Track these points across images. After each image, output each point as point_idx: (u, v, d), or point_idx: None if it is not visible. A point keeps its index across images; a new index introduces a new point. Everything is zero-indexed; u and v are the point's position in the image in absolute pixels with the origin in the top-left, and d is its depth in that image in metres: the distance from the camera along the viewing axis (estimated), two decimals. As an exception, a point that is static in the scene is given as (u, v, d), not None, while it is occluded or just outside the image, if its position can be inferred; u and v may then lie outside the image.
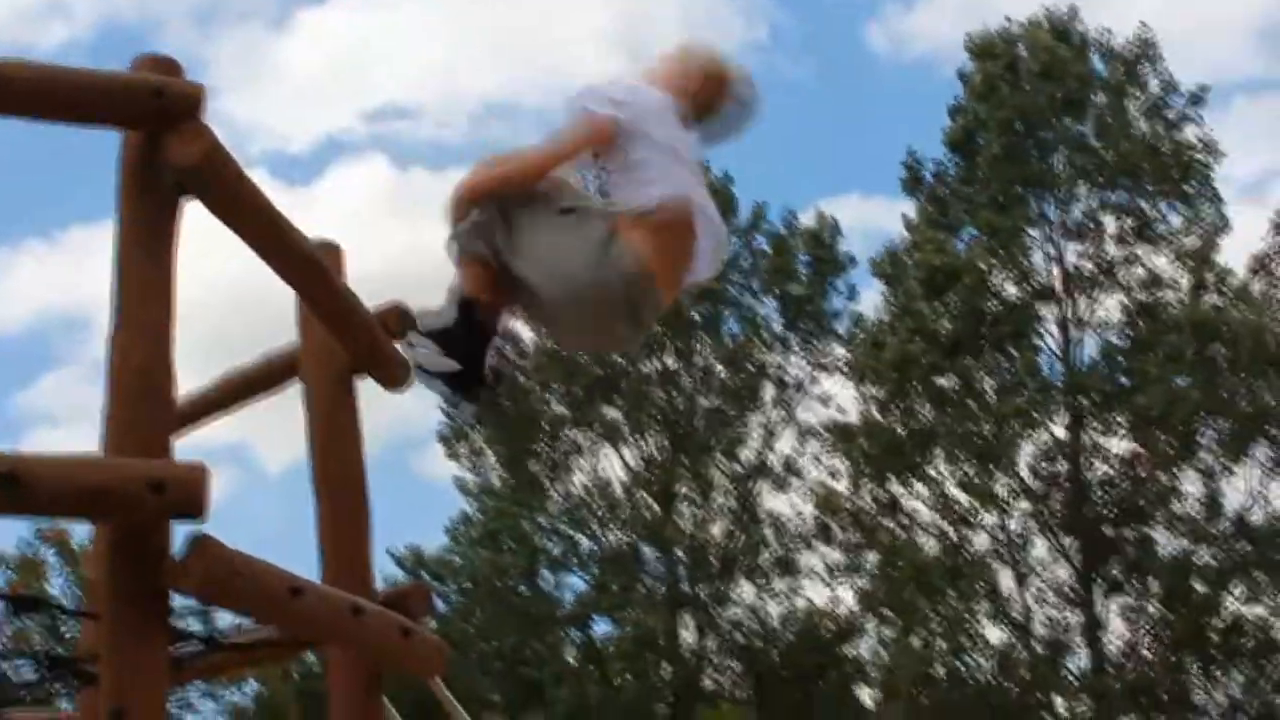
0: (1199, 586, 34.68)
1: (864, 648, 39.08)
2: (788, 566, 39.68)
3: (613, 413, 39.19)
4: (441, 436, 40.59)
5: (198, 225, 4.15)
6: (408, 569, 38.49)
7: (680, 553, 38.50)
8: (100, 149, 4.10)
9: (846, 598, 38.39)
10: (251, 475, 56.05)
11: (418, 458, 58.81)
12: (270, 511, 51.68)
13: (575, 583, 40.30)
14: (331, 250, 5.21)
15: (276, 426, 50.73)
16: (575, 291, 4.22)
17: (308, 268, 4.67)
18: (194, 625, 4.77)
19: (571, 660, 38.57)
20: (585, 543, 39.72)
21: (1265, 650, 34.98)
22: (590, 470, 39.79)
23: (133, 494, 3.50)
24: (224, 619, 4.71)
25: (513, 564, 38.45)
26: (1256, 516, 35.30)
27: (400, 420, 53.06)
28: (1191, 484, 35.66)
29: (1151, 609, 35.54)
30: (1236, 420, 34.90)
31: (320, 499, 4.97)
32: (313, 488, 5.04)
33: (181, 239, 4.03)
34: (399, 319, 5.18)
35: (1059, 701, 35.70)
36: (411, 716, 5.83)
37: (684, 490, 39.32)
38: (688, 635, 38.64)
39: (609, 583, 38.19)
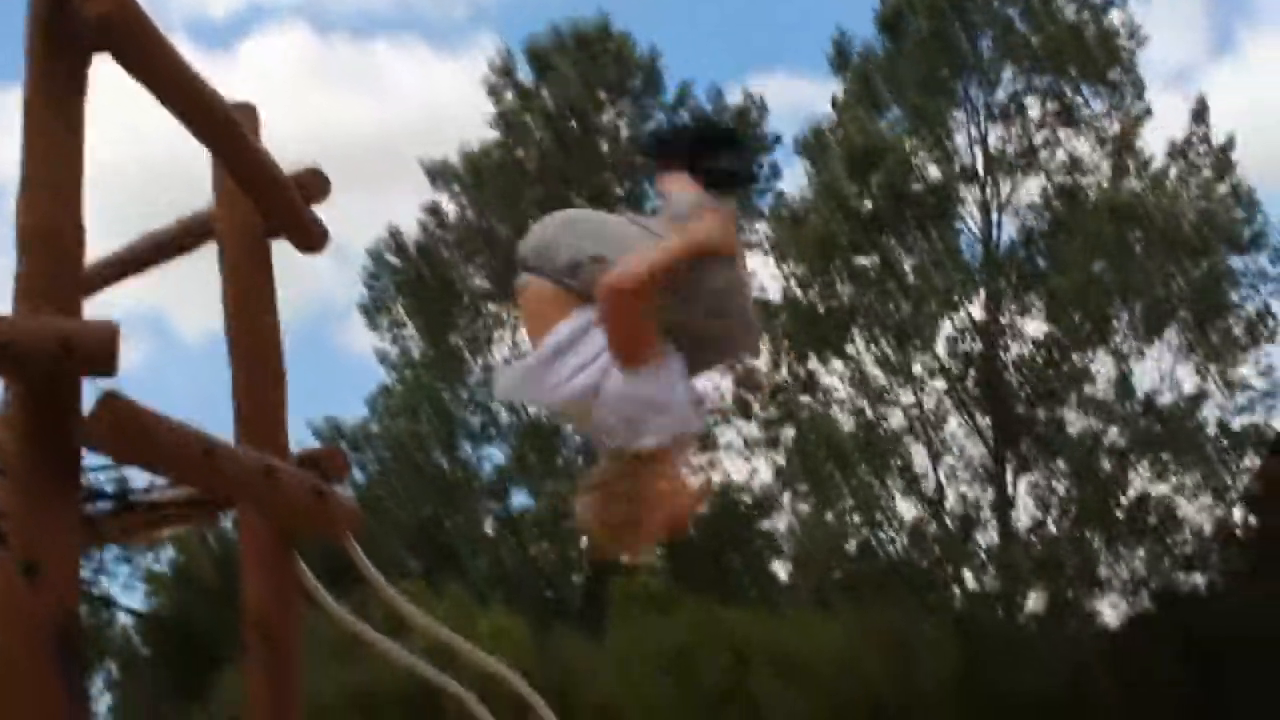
0: (1106, 465, 35.38)
1: (779, 522, 39.60)
2: (705, 441, 40.00)
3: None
4: (362, 308, 40.43)
5: (113, 84, 4.09)
6: (325, 440, 38.38)
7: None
8: (11, 3, 4.02)
9: (763, 473, 38.81)
10: (168, 345, 55.56)
11: (338, 331, 58.42)
12: (188, 382, 51.32)
13: (494, 454, 40.49)
14: (248, 111, 5.13)
15: (193, 296, 50.27)
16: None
17: (223, 128, 4.61)
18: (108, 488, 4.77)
19: (489, 531, 38.82)
20: (505, 415, 39.82)
21: (1168, 528, 35.84)
22: (511, 344, 39.82)
23: (43, 351, 3.47)
24: (138, 483, 4.69)
25: (432, 435, 38.51)
26: (1165, 398, 36.02)
27: (320, 292, 52.85)
28: (1104, 365, 36.26)
29: (1060, 487, 36.24)
30: (1150, 304, 35.40)
31: (235, 363, 4.96)
32: (228, 352, 5.02)
33: (96, 99, 3.97)
34: (316, 183, 5.15)
35: (968, 575, 36.42)
36: (327, 581, 5.87)
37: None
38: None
39: (528, 455, 38.36)
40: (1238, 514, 37.62)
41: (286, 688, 4.69)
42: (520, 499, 39.55)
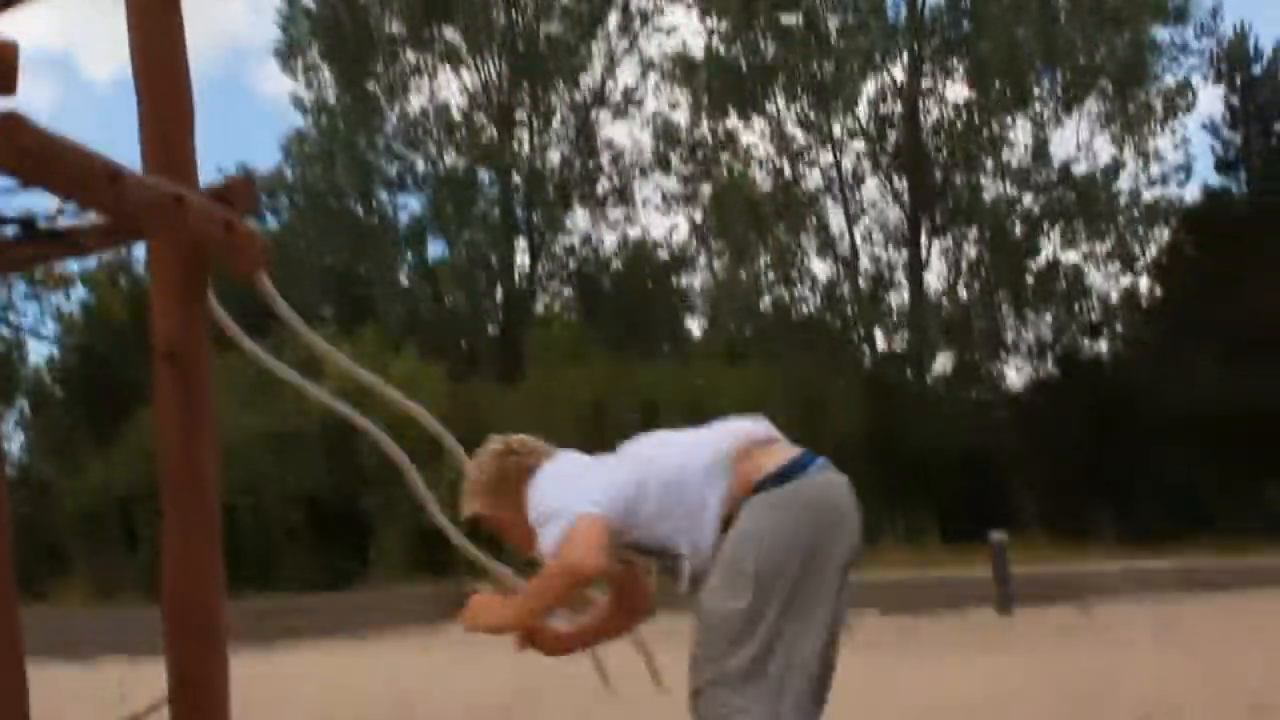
0: (1019, 231, 35.70)
1: (694, 278, 39.80)
2: (623, 195, 39.91)
3: (452, 34, 38.37)
4: (276, 52, 39.48)
5: None
6: (239, 184, 37.81)
7: (517, 178, 38.42)
8: None
9: (679, 230, 38.89)
10: (76, 88, 54.23)
11: (252, 75, 57.08)
12: (97, 126, 50.29)
13: (411, 204, 40.20)
14: None
15: (101, 38, 48.94)
16: None
17: None
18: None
19: (404, 279, 38.74)
20: (422, 164, 39.43)
21: (1075, 294, 36.39)
22: (428, 92, 39.24)
23: (-60, 70, 3.37)
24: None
25: (348, 183, 38.09)
26: (1081, 167, 36.23)
27: (233, 36, 51.50)
28: (1022, 133, 36.33)
29: (972, 251, 36.61)
30: (1071, 72, 35.33)
31: (143, 105, 4.82)
32: (136, 93, 4.88)
33: None
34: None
35: (879, 335, 36.97)
36: (242, 327, 5.85)
37: (523, 116, 39.00)
38: (521, 258, 38.96)
39: (445, 205, 38.09)
40: (1144, 284, 38.31)
41: (197, 420, 4.69)
42: (437, 249, 39.44)
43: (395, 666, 10.10)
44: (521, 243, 38.92)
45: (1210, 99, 37.62)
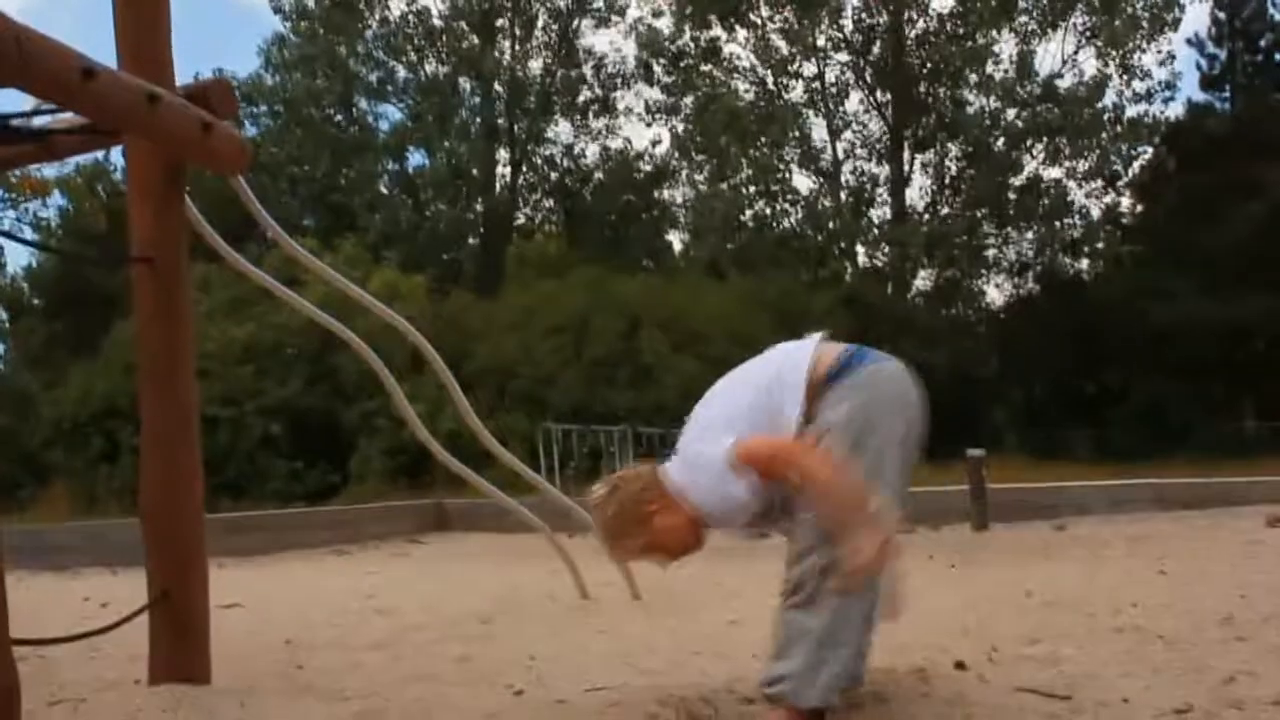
0: (1002, 147, 35.55)
1: (675, 192, 39.63)
2: (606, 105, 39.64)
3: (435, -61, 37.99)
4: (255, -46, 38.96)
5: None
6: (218, 90, 37.43)
7: (498, 87, 38.11)
8: None
9: (661, 142, 38.69)
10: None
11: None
12: (70, 33, 49.64)
13: (391, 112, 39.86)
14: None
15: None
16: None
17: None
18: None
19: (384, 189, 38.50)
20: (402, 72, 39.09)
21: (1057, 212, 36.33)
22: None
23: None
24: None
25: (327, 90, 37.76)
26: (1065, 82, 36.05)
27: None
28: (1006, 46, 36.14)
29: (954, 167, 36.50)
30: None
31: (118, 7, 4.73)
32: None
33: None
34: None
35: (860, 250, 36.89)
36: (222, 232, 5.78)
37: (504, 24, 38.62)
38: (503, 169, 38.74)
39: (425, 113, 37.81)
40: (1126, 202, 38.30)
41: (175, 326, 4.64)
42: (417, 159, 39.19)
43: (374, 577, 10.11)
44: (503, 154, 38.69)
45: (1197, 14, 37.48)
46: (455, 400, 7.55)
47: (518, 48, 38.62)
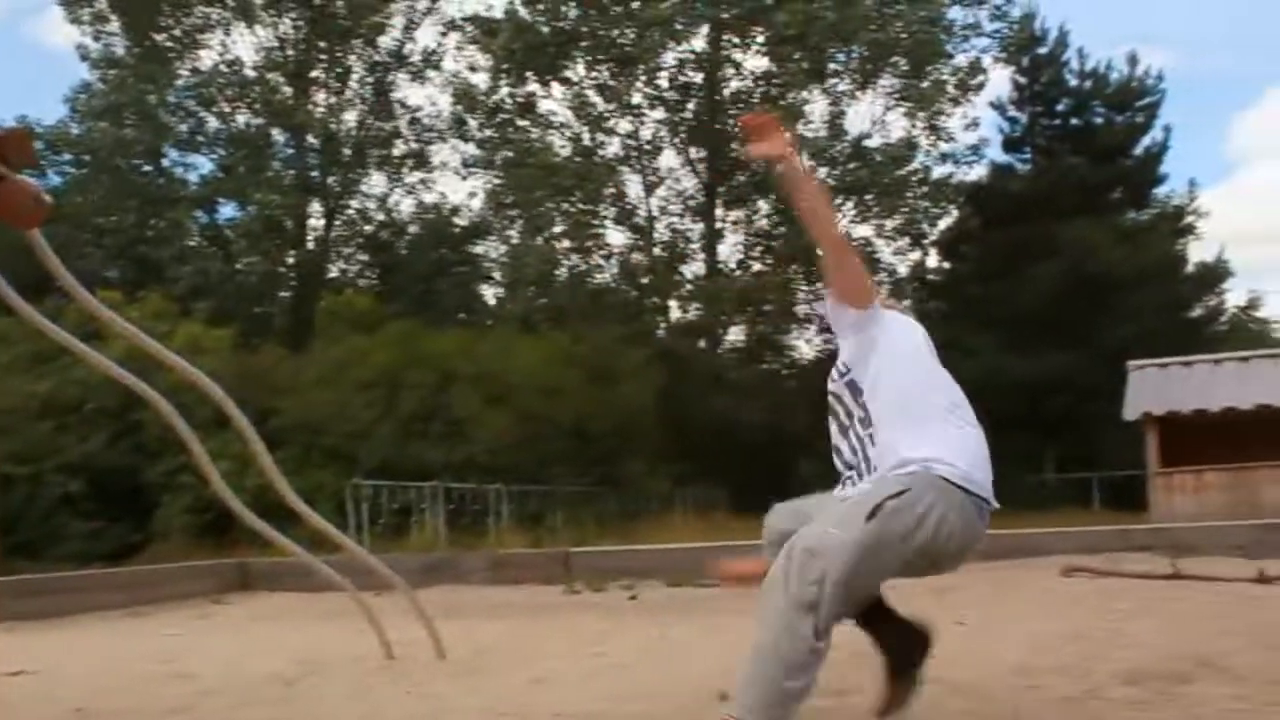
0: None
1: (490, 246, 39.56)
2: (420, 159, 39.51)
3: (247, -12, 37.53)
4: (62, 0, 38.10)
5: None
6: (20, 139, 36.42)
7: (312, 139, 37.76)
8: None
9: (477, 196, 38.62)
10: None
11: (35, 25, 55.10)
12: None
13: (201, 163, 39.21)
14: None
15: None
16: None
17: None
18: None
19: (194, 241, 37.77)
20: (213, 122, 38.49)
21: (869, 268, 37.02)
22: (221, 47, 38.31)
23: None
24: None
25: (136, 140, 37.00)
26: (874, 142, 36.88)
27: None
28: (818, 106, 36.85)
29: (766, 223, 37.04)
30: (867, 47, 35.90)
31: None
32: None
33: None
34: None
35: (674, 305, 37.20)
36: (19, 286, 5.62)
37: (319, 75, 38.32)
38: (315, 222, 38.33)
39: (237, 165, 37.26)
40: (932, 260, 39.24)
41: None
42: (228, 210, 38.56)
43: (174, 639, 9.85)
44: (316, 206, 38.29)
45: (1000, 79, 38.62)
46: (258, 457, 7.41)
47: (332, 100, 38.33)
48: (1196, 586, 9.98)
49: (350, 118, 38.68)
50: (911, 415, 4.19)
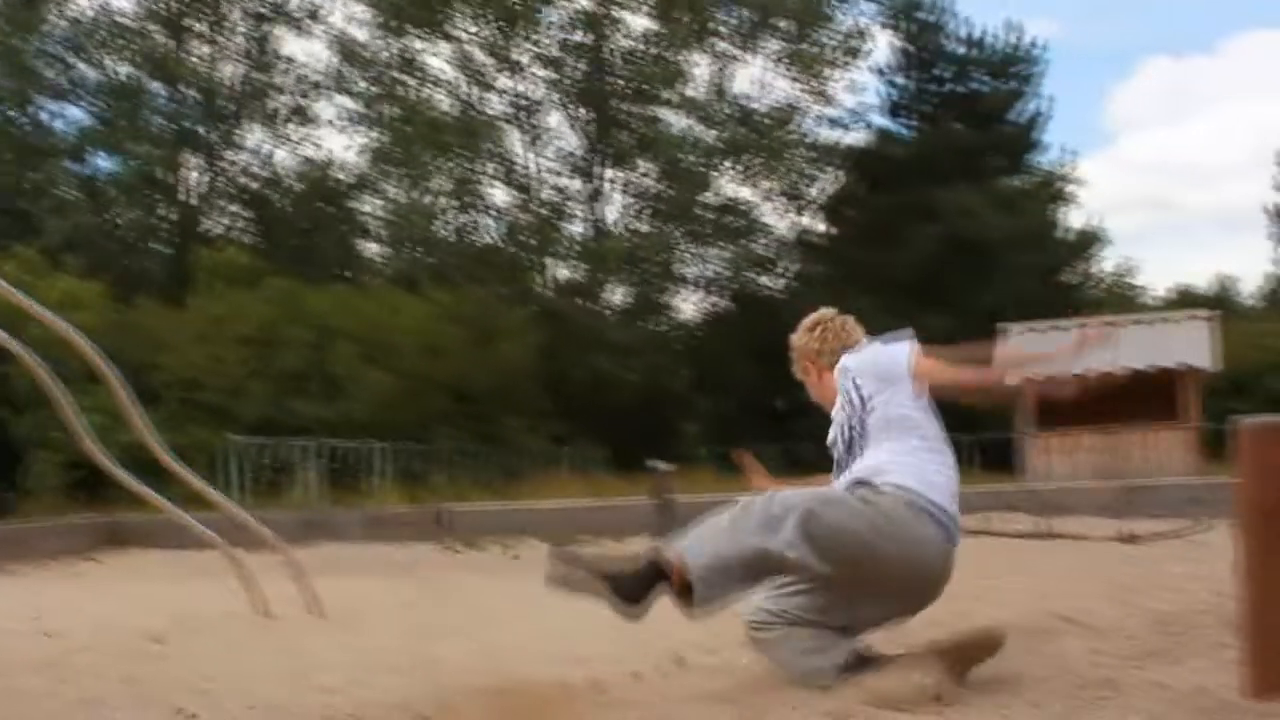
0: (696, 166, 36.21)
1: (372, 202, 39.10)
2: (301, 114, 38.95)
3: (124, -64, 36.71)
4: (-74, -57, 36.94)
5: None
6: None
7: (190, 91, 37.07)
8: None
9: (358, 151, 38.14)
10: None
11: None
12: None
13: (75, 114, 38.32)
14: None
15: None
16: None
17: None
18: None
19: (68, 194, 36.93)
20: (89, 73, 37.63)
21: (748, 231, 37.30)
22: (97, -5, 37.47)
23: None
24: None
25: (7, 90, 36.08)
26: (759, 105, 37.00)
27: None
28: (703, 68, 36.89)
29: (650, 184, 37.05)
30: (752, 10, 35.98)
31: None
32: None
33: None
34: None
35: (556, 264, 37.14)
36: None
37: (197, 26, 37.58)
38: (193, 175, 37.67)
39: (112, 116, 36.49)
40: (814, 223, 39.52)
41: None
42: (103, 162, 37.74)
43: (43, 597, 9.71)
44: (194, 160, 37.61)
45: (884, 45, 38.91)
46: (129, 413, 7.32)
47: (211, 51, 37.62)
48: (1067, 545, 10.20)
49: (230, 70, 38.02)
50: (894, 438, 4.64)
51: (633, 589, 4.33)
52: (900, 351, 4.77)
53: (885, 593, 4.47)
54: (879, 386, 4.69)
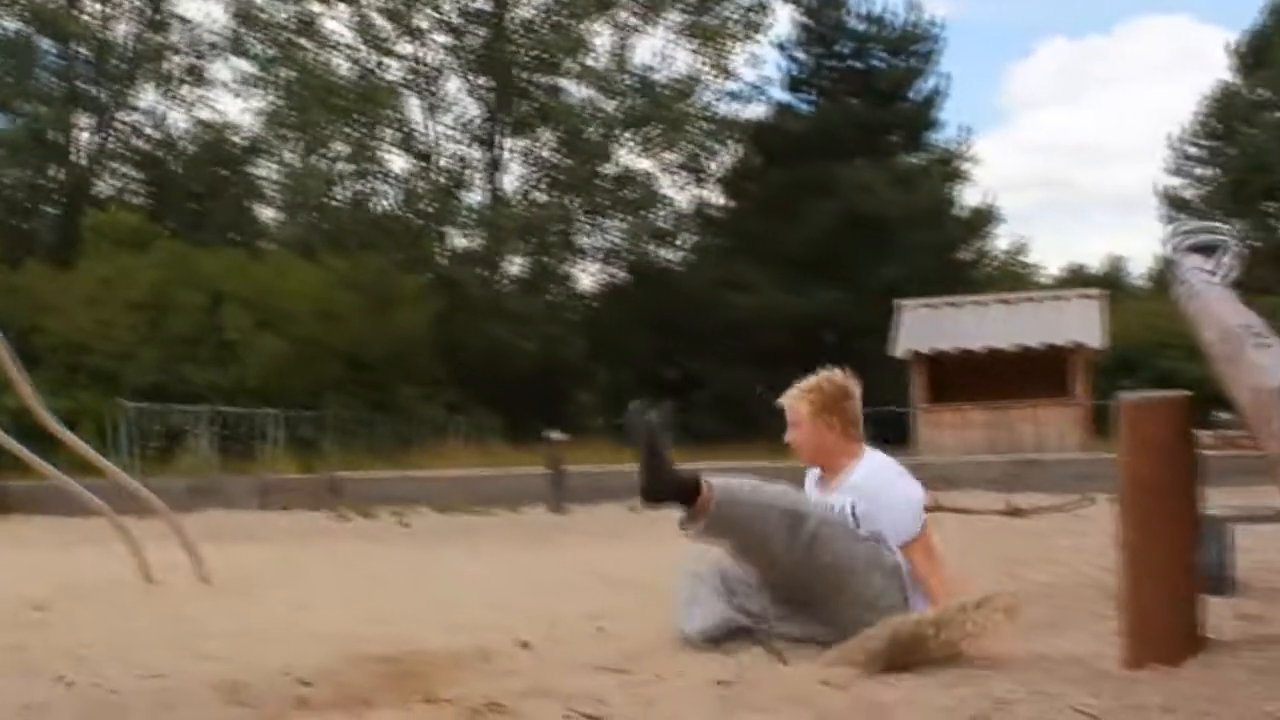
0: (596, 136, 36.15)
1: (268, 166, 38.63)
2: (196, 75, 38.36)
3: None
4: None
5: None
6: None
7: (82, 49, 36.37)
8: None
9: (254, 115, 37.65)
10: None
11: None
12: None
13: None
14: None
15: None
16: None
17: None
18: None
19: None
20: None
21: (647, 203, 37.32)
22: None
23: None
24: None
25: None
26: (660, 76, 37.01)
27: None
28: (604, 38, 36.82)
29: (549, 154, 36.96)
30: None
31: None
32: None
33: None
34: None
35: (454, 233, 36.96)
36: None
37: (90, -18, 36.88)
38: (84, 136, 37.01)
39: (1, 74, 35.74)
40: (713, 196, 39.60)
41: None
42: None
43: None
44: (84, 119, 36.93)
45: (785, 19, 38.99)
46: (15, 378, 7.21)
47: (103, 9, 36.92)
48: (954, 519, 10.35)
49: (123, 29, 37.34)
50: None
51: (666, 480, 4.66)
52: (909, 520, 4.92)
53: (816, 619, 4.64)
54: (869, 525, 4.83)
